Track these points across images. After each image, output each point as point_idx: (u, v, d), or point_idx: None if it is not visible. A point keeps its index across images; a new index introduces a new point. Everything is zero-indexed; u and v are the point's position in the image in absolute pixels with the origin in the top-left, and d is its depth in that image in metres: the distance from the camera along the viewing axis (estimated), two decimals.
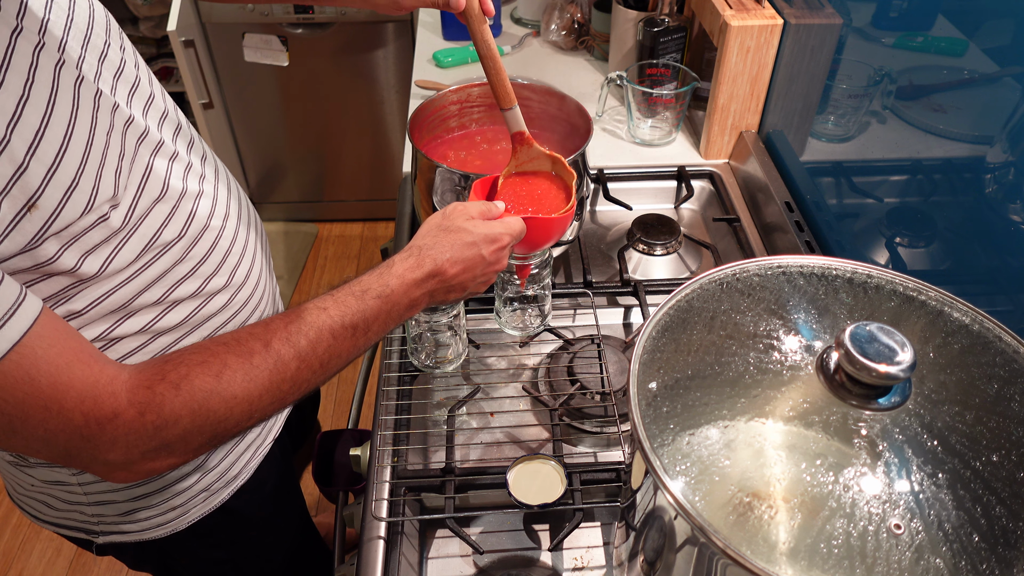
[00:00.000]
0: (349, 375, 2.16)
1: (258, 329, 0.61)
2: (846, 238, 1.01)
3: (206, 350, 0.58)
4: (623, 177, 1.23)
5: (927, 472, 0.47)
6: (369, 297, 0.65)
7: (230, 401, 0.57)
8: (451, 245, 0.70)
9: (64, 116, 0.56)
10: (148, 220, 0.66)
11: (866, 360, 0.48)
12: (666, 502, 0.48)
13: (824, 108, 1.07)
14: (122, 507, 0.80)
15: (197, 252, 0.72)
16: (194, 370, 0.56)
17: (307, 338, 0.61)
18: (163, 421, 0.54)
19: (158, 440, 0.55)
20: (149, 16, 2.20)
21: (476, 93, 1.02)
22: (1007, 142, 0.72)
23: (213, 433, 0.58)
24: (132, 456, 0.55)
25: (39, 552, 1.78)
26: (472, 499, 0.81)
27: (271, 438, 0.91)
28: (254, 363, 0.58)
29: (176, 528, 0.83)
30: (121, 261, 0.64)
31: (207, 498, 0.84)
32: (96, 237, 0.60)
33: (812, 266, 0.61)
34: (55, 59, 0.58)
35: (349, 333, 0.64)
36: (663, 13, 1.31)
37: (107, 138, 0.60)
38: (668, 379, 0.55)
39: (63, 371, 0.51)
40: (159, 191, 0.67)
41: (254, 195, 2.53)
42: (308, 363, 0.61)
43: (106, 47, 0.67)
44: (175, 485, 0.80)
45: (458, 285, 0.71)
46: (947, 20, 0.81)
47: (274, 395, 0.60)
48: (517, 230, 0.74)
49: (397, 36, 2.14)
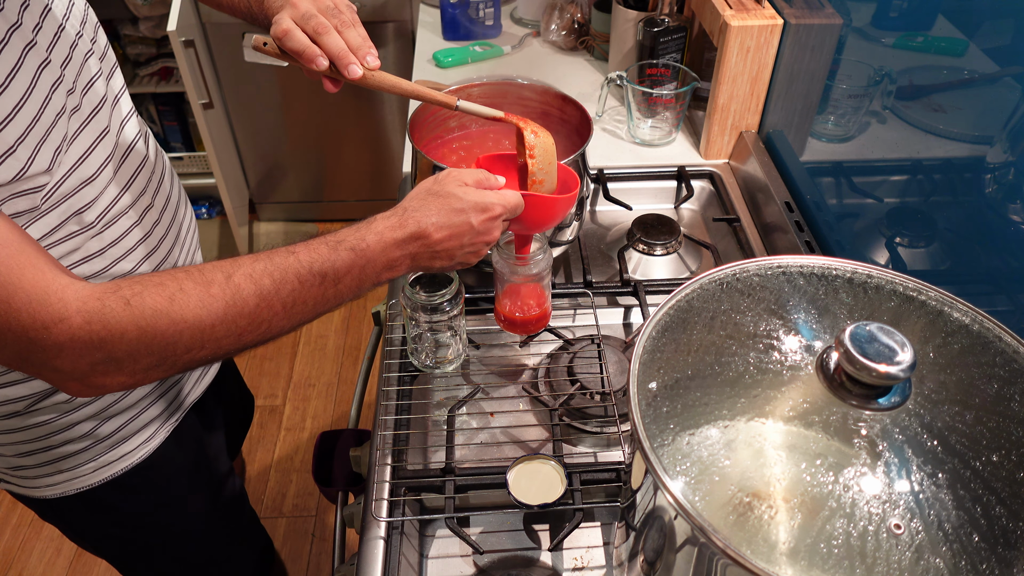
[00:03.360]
0: (349, 375, 2.17)
1: (224, 263, 0.61)
2: (846, 238, 1.01)
3: (166, 274, 0.59)
4: (623, 177, 1.23)
5: (927, 472, 0.47)
6: (343, 248, 0.65)
7: (179, 324, 0.57)
8: (438, 209, 0.68)
9: (16, 93, 0.60)
10: (71, 199, 0.67)
11: (866, 360, 0.48)
12: (666, 502, 0.48)
13: (824, 108, 1.07)
14: (10, 461, 0.80)
15: (108, 235, 0.73)
16: (148, 289, 0.57)
17: (271, 277, 0.61)
18: (109, 333, 0.55)
19: (104, 352, 0.56)
20: (149, 16, 2.20)
21: (476, 93, 1.02)
22: (1007, 142, 0.72)
23: (162, 355, 0.58)
24: (80, 366, 0.56)
25: (39, 552, 1.78)
26: (472, 499, 0.81)
27: (173, 420, 0.90)
28: (211, 292, 0.59)
29: (65, 492, 0.83)
30: (35, 232, 0.65)
31: (96, 469, 0.83)
32: (21, 205, 0.62)
33: (812, 266, 0.61)
34: (27, 40, 0.61)
35: (317, 281, 0.63)
36: (663, 13, 1.31)
37: (55, 118, 0.63)
38: (668, 379, 0.55)
39: (14, 271, 0.53)
40: (90, 175, 0.69)
41: (254, 195, 2.54)
42: (269, 303, 0.61)
43: (78, 37, 0.70)
44: (61, 447, 0.80)
45: (444, 252, 0.70)
46: (947, 20, 0.81)
47: (229, 328, 0.60)
48: (512, 203, 0.72)
49: (397, 36, 2.14)
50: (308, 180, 2.51)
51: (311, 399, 2.11)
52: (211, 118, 2.12)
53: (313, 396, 2.12)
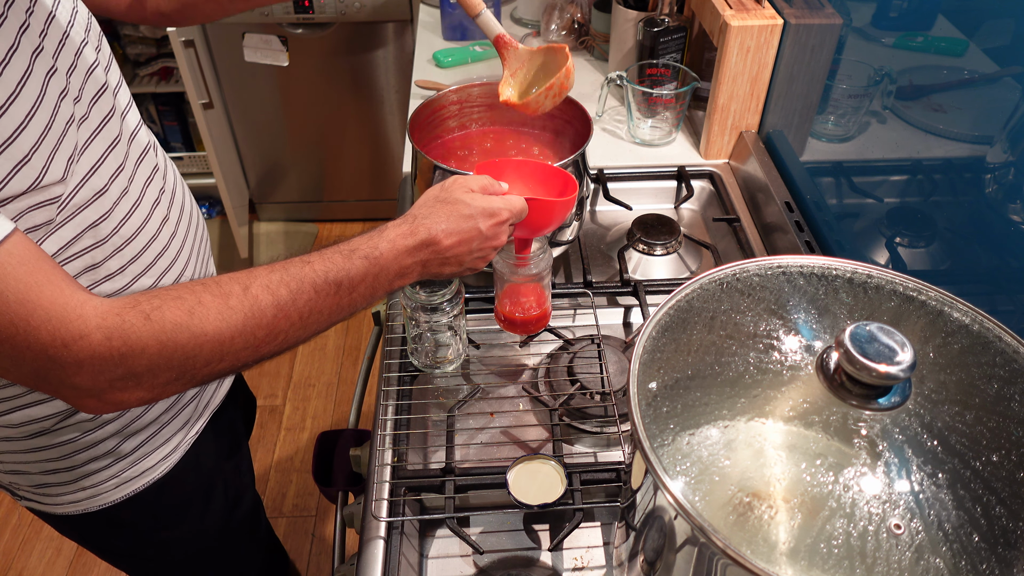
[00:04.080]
0: (349, 375, 2.17)
1: (240, 275, 0.61)
2: (846, 238, 1.01)
3: (184, 287, 0.59)
4: (623, 177, 1.23)
5: (927, 472, 0.47)
6: (356, 257, 0.65)
7: (200, 337, 0.57)
8: (447, 216, 0.69)
9: (29, 100, 0.59)
10: (85, 212, 0.67)
11: (866, 360, 0.48)
12: (666, 502, 0.48)
13: (824, 108, 1.07)
14: (34, 479, 0.80)
15: (128, 252, 0.72)
16: (167, 303, 0.57)
17: (288, 288, 0.61)
18: (129, 349, 0.55)
19: (124, 368, 0.55)
20: None
21: (476, 93, 1.02)
22: (1007, 142, 0.72)
23: (182, 369, 0.58)
24: (99, 383, 0.55)
25: (39, 552, 1.78)
26: (472, 499, 0.81)
27: (192, 433, 0.90)
28: (230, 304, 0.58)
29: (88, 508, 0.83)
30: (51, 246, 0.64)
31: (119, 485, 0.83)
32: (39, 218, 0.61)
33: (812, 266, 0.61)
34: (35, 44, 0.60)
35: (332, 290, 0.63)
36: (663, 13, 1.31)
37: (65, 127, 0.62)
38: (668, 379, 0.55)
39: (32, 289, 0.53)
40: (102, 186, 0.68)
41: (254, 195, 2.54)
42: (287, 314, 0.61)
43: (83, 45, 0.69)
44: (85, 466, 0.80)
45: (453, 258, 0.70)
46: (947, 20, 0.81)
47: (247, 340, 0.60)
48: (518, 208, 0.73)
49: (397, 36, 2.14)
50: (308, 180, 2.51)
51: (311, 399, 2.11)
52: (211, 118, 2.12)
53: (313, 396, 2.12)
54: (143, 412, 0.81)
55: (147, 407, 0.81)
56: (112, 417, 0.78)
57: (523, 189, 0.80)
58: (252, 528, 1.08)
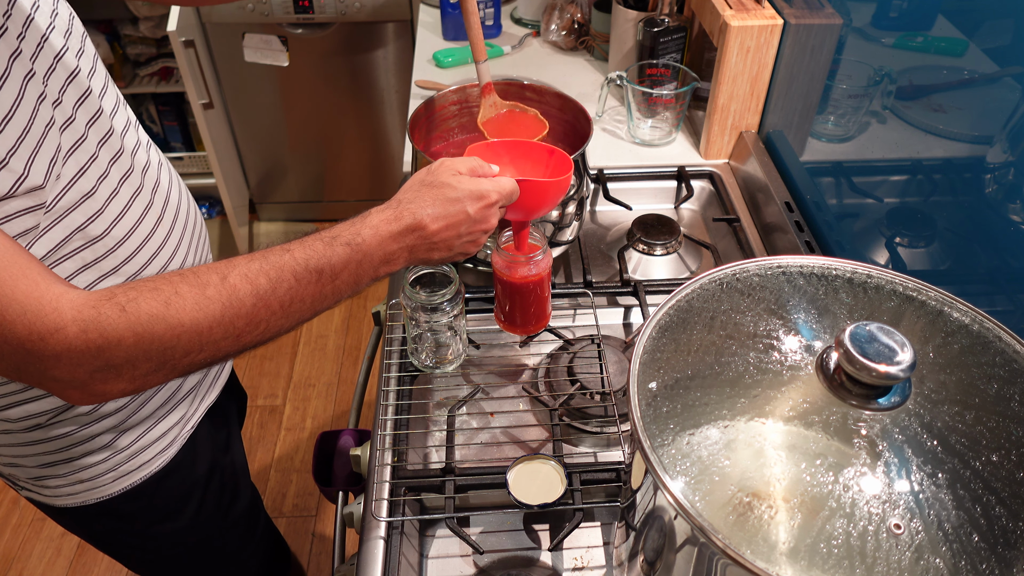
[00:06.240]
0: (349, 375, 2.17)
1: (219, 264, 0.60)
2: (846, 238, 1.01)
3: (162, 279, 0.58)
4: (623, 177, 1.23)
5: (927, 472, 0.47)
6: (338, 244, 0.64)
7: (176, 328, 0.57)
8: (433, 200, 0.68)
9: (5, 104, 0.59)
10: (74, 214, 0.67)
11: (866, 360, 0.48)
12: (666, 502, 0.48)
13: (824, 108, 1.07)
14: (32, 472, 0.80)
15: (122, 253, 0.72)
16: (144, 295, 0.56)
17: (267, 277, 0.60)
18: (105, 341, 0.55)
19: (102, 360, 0.55)
20: (149, 16, 2.20)
21: (476, 93, 1.02)
22: (1007, 142, 0.72)
23: (161, 360, 0.57)
24: (79, 375, 0.55)
25: (39, 552, 1.78)
26: (472, 499, 0.81)
27: (189, 427, 0.90)
28: (207, 294, 0.58)
29: (86, 501, 0.83)
30: (41, 248, 0.64)
31: (117, 478, 0.83)
32: (29, 222, 0.61)
33: (812, 266, 0.61)
34: (12, 48, 0.60)
35: (314, 278, 0.63)
36: (663, 13, 1.31)
37: (45, 130, 0.62)
38: (668, 379, 0.55)
39: (7, 284, 0.53)
40: (89, 188, 0.68)
41: (254, 195, 2.54)
42: (266, 302, 0.60)
43: (63, 50, 0.68)
44: (82, 459, 0.80)
45: (442, 243, 0.69)
46: (947, 20, 0.81)
47: (227, 330, 0.59)
48: (508, 189, 0.71)
49: (397, 36, 2.14)
50: (308, 180, 2.52)
51: (311, 399, 2.11)
52: (211, 118, 2.12)
53: (313, 396, 2.12)
54: (139, 407, 0.81)
55: (143, 401, 0.81)
56: (109, 412, 0.78)
57: (517, 171, 0.78)
58: (251, 521, 1.08)
